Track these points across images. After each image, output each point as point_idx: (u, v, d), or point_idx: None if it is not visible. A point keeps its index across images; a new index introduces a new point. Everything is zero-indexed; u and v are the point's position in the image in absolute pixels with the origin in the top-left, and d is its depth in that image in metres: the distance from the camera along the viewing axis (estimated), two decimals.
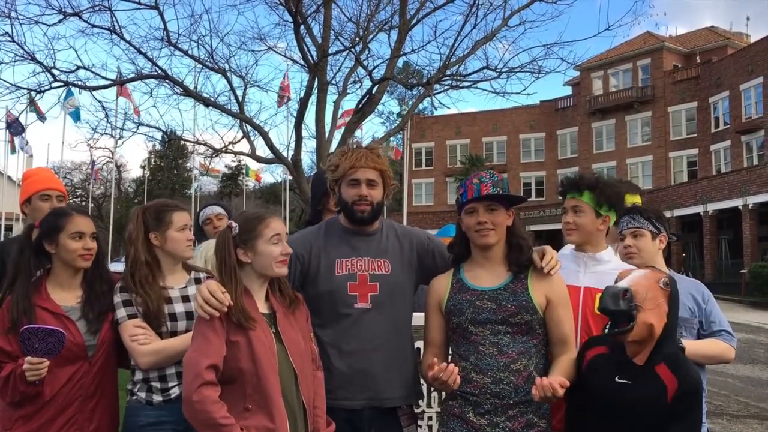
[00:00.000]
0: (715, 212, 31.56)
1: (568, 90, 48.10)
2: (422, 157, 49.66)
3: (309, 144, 42.12)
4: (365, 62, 12.91)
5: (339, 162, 2.76)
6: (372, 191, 2.74)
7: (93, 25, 12.06)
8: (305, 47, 12.43)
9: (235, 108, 13.57)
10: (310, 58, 12.44)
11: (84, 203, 48.32)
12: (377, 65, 13.21)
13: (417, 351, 2.92)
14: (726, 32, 45.03)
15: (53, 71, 12.03)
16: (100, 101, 14.81)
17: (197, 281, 2.81)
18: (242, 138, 14.57)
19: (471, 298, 2.57)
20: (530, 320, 2.52)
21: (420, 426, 3.38)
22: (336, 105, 13.71)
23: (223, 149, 15.04)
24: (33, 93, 12.59)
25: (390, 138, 21.57)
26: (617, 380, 2.37)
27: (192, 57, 12.98)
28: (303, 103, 12.66)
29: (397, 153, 33.82)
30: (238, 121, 14.11)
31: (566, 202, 2.93)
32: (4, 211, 29.88)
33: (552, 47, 12.88)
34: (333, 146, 12.31)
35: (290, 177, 18.60)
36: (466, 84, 13.60)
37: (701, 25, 57.53)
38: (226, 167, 57.88)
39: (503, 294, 2.55)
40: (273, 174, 54.55)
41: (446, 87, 13.85)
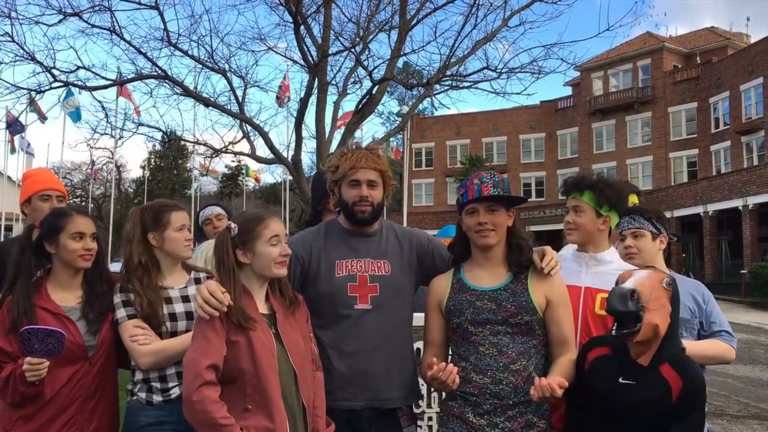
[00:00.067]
0: (715, 213, 31.55)
1: (568, 90, 48.09)
2: (422, 158, 49.65)
3: (309, 144, 42.14)
4: (365, 62, 12.92)
5: (339, 163, 2.75)
6: (372, 192, 2.74)
7: (93, 26, 12.07)
8: (305, 47, 12.44)
9: (235, 108, 13.57)
10: (310, 59, 12.44)
11: (84, 203, 48.32)
12: (377, 65, 13.23)
13: (417, 351, 2.92)
14: (726, 33, 45.01)
15: (53, 71, 12.03)
16: (100, 101, 14.87)
17: (197, 281, 2.81)
18: (242, 138, 14.61)
19: (471, 299, 2.57)
20: (530, 321, 2.52)
21: (420, 426, 3.38)
22: (336, 105, 13.72)
23: (223, 149, 15.05)
24: (33, 93, 12.60)
25: (390, 138, 21.57)
26: (621, 381, 2.37)
27: (192, 57, 12.99)
28: (303, 104, 12.66)
29: (397, 153, 33.83)
30: (238, 122, 14.12)
31: (568, 202, 2.94)
32: (4, 212, 29.89)
33: (552, 47, 12.90)
34: (333, 146, 12.31)
35: (290, 177, 18.61)
36: (466, 84, 13.61)
37: (701, 26, 57.64)
38: (226, 167, 57.99)
39: (503, 294, 2.55)
40: (273, 174, 54.61)
41: (446, 87, 13.87)
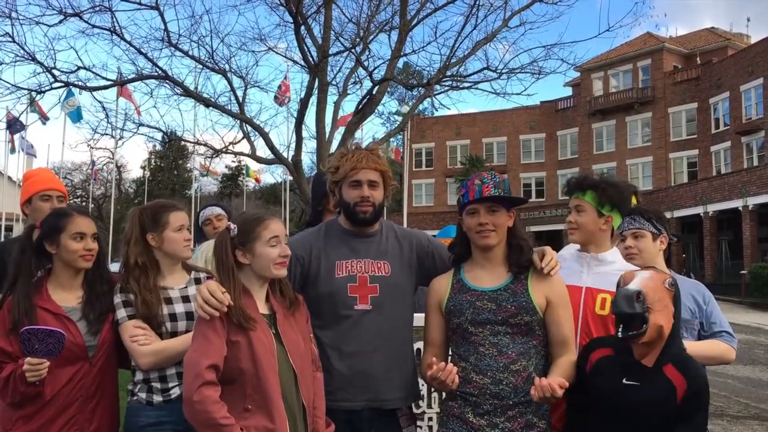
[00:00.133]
0: (715, 213, 31.55)
1: (569, 91, 48.09)
2: (422, 158, 49.65)
3: (309, 144, 42.15)
4: (366, 63, 12.92)
5: (339, 164, 2.75)
6: (374, 192, 2.74)
7: (93, 26, 12.07)
8: (306, 48, 12.44)
9: (236, 108, 13.58)
10: (311, 59, 12.45)
11: (84, 204, 48.31)
12: (377, 66, 13.24)
13: (417, 352, 2.92)
14: (726, 33, 45.01)
15: (54, 72, 12.04)
16: (101, 102, 14.88)
17: (197, 281, 2.81)
18: (242, 138, 14.62)
19: (471, 299, 2.57)
20: (530, 321, 2.52)
21: (420, 427, 3.38)
22: (336, 106, 13.73)
23: (224, 150, 15.07)
24: (33, 93, 12.60)
25: (390, 138, 21.58)
26: (624, 382, 2.36)
27: (192, 57, 13.00)
28: (303, 104, 12.67)
29: (397, 153, 33.83)
30: (239, 122, 14.13)
31: (570, 202, 2.94)
32: (5, 212, 29.89)
33: (552, 48, 12.91)
34: (333, 147, 12.31)
35: (290, 178, 18.62)
36: (467, 85, 13.61)
37: (701, 26, 57.69)
38: (227, 168, 58.01)
39: (503, 295, 2.55)
40: (273, 174, 54.59)
41: (446, 88, 13.88)
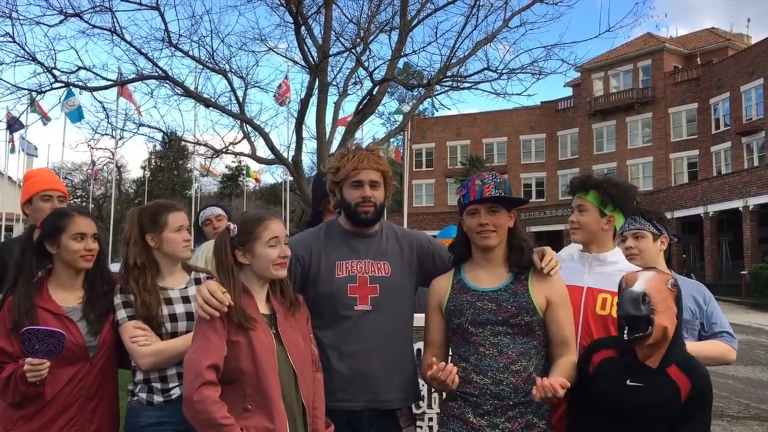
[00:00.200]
0: (716, 213, 31.54)
1: (569, 91, 48.08)
2: (422, 158, 49.65)
3: (309, 145, 42.13)
4: (366, 63, 12.93)
5: (340, 164, 2.75)
6: (375, 192, 2.74)
7: (94, 26, 12.08)
8: (306, 48, 12.46)
9: (236, 109, 13.59)
10: (311, 59, 12.45)
11: (84, 204, 48.32)
12: (378, 66, 13.24)
13: (417, 352, 2.92)
14: (727, 33, 45.00)
15: (54, 72, 12.05)
16: (101, 102, 14.89)
17: (197, 282, 2.80)
18: (243, 139, 14.64)
19: (471, 299, 2.56)
20: (530, 321, 2.52)
21: (420, 427, 3.38)
22: (337, 106, 13.74)
23: (224, 150, 15.08)
24: (34, 93, 12.61)
25: (390, 139, 21.59)
26: (629, 383, 2.35)
27: (193, 58, 13.01)
28: (303, 104, 12.68)
29: (397, 154, 33.84)
30: (239, 122, 14.14)
31: (573, 201, 2.94)
32: (5, 212, 29.89)
33: (553, 48, 12.92)
34: (333, 147, 12.32)
35: (291, 178, 18.62)
36: (467, 85, 13.62)
37: (702, 27, 57.60)
38: (227, 168, 58.02)
39: (504, 295, 2.55)
40: (273, 175, 54.56)
41: (447, 88, 13.89)
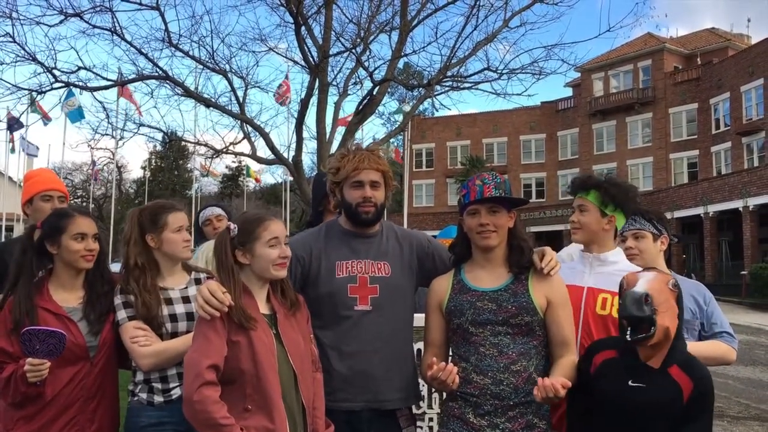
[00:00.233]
0: (716, 214, 31.53)
1: (569, 91, 48.06)
2: (423, 158, 49.63)
3: (310, 145, 42.14)
4: (366, 63, 12.95)
5: (340, 164, 2.74)
6: (376, 192, 2.74)
7: (94, 26, 12.10)
8: (306, 48, 12.47)
9: (236, 109, 13.60)
10: (311, 59, 12.46)
11: (85, 204, 48.30)
12: (378, 66, 13.26)
13: (417, 352, 2.92)
14: (727, 34, 44.98)
15: (54, 72, 12.07)
16: (101, 102, 14.91)
17: (197, 282, 2.80)
18: (243, 139, 14.65)
19: (472, 299, 2.57)
20: (530, 321, 2.52)
21: (420, 427, 3.38)
22: (337, 106, 13.75)
23: (224, 150, 15.10)
24: (34, 93, 12.62)
25: (390, 139, 21.60)
26: (630, 384, 2.35)
27: (193, 58, 13.02)
28: (304, 104, 12.69)
29: (397, 154, 33.84)
30: (239, 122, 14.15)
31: (574, 201, 2.94)
32: (5, 212, 29.91)
33: (553, 48, 12.94)
34: (334, 147, 12.33)
35: (291, 178, 18.63)
36: (467, 85, 13.64)
37: (702, 27, 57.48)
38: (227, 168, 58.02)
39: (504, 295, 2.55)
40: (273, 175, 54.59)
41: (447, 88, 13.90)
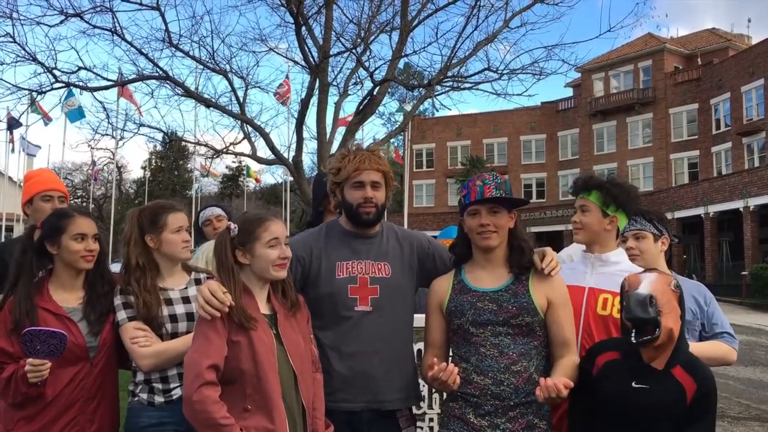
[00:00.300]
0: (716, 214, 31.53)
1: (569, 91, 48.06)
2: (423, 159, 49.62)
3: (310, 145, 42.17)
4: (366, 63, 12.95)
5: (341, 165, 2.74)
6: (376, 193, 2.74)
7: (94, 26, 12.11)
8: (306, 48, 12.47)
9: (236, 109, 13.61)
10: (312, 60, 12.47)
11: (85, 204, 48.31)
12: (378, 66, 13.27)
13: (418, 353, 2.91)
14: (727, 34, 44.98)
15: (54, 72, 12.08)
16: (102, 102, 14.92)
17: (197, 282, 2.80)
18: (243, 139, 14.65)
19: (472, 300, 2.56)
20: (531, 322, 2.52)
21: (421, 428, 3.38)
22: (337, 106, 13.75)
23: (224, 150, 15.11)
24: (34, 94, 12.62)
25: (391, 139, 21.60)
26: (634, 385, 2.34)
27: (193, 58, 13.03)
28: (304, 105, 12.69)
29: (397, 154, 33.84)
30: (239, 122, 14.16)
31: (575, 202, 2.94)
32: (5, 212, 29.91)
33: (553, 49, 12.95)
34: (334, 147, 12.33)
35: (291, 178, 18.63)
36: (468, 85, 13.64)
37: (702, 27, 57.49)
38: (227, 168, 58.02)
39: (504, 295, 2.55)
40: (274, 175, 54.63)
41: (447, 88, 13.90)
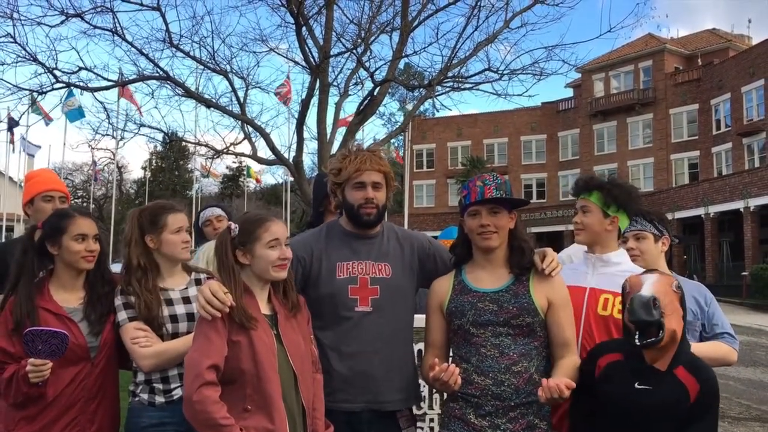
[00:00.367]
0: (717, 214, 31.53)
1: (570, 92, 48.06)
2: (423, 159, 49.61)
3: (310, 145, 42.14)
4: (367, 64, 12.95)
5: (342, 165, 2.74)
6: (377, 193, 2.73)
7: (95, 27, 12.11)
8: (307, 49, 12.46)
9: (237, 109, 13.61)
10: (312, 60, 12.47)
11: (85, 204, 48.31)
12: (379, 67, 13.26)
13: (418, 353, 2.92)
14: (727, 34, 44.96)
15: (55, 72, 12.08)
16: (102, 102, 14.91)
17: (198, 282, 2.80)
18: (244, 139, 14.64)
19: (473, 300, 2.56)
20: (531, 322, 2.52)
21: (421, 428, 3.38)
22: (337, 106, 13.75)
23: (225, 150, 15.10)
24: (35, 94, 12.63)
25: (391, 140, 21.61)
26: (637, 386, 2.34)
27: (194, 58, 13.03)
28: (304, 105, 12.69)
29: (398, 154, 33.84)
30: (240, 123, 14.15)
31: (576, 203, 2.94)
32: (6, 212, 29.93)
33: (554, 49, 12.94)
34: (334, 148, 12.33)
35: (291, 178, 18.64)
36: (468, 86, 13.64)
37: (703, 27, 57.62)
38: (228, 169, 58.01)
39: (505, 296, 2.55)
40: (274, 175, 54.64)
41: (448, 89, 13.89)
